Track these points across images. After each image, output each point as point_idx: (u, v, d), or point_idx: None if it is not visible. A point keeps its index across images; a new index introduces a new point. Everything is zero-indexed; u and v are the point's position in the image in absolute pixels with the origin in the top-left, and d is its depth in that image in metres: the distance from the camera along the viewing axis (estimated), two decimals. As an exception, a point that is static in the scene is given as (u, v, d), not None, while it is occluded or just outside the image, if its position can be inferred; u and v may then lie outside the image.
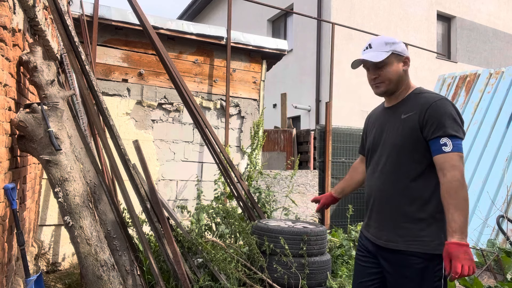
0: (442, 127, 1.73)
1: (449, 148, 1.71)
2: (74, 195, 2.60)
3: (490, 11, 13.09)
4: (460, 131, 1.75)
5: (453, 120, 1.74)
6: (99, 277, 2.57)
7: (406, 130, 1.83)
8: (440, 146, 1.73)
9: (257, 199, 4.40)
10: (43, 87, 2.69)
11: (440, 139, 1.73)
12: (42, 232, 4.37)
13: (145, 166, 3.19)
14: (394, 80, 1.91)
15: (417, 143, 1.80)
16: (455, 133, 1.72)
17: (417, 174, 1.82)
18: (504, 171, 4.95)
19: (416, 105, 1.84)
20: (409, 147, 1.82)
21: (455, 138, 1.72)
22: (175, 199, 5.18)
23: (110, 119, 3.23)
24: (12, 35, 2.33)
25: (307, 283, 3.38)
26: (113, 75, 4.88)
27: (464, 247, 1.63)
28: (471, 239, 4.65)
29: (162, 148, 5.14)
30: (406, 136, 1.83)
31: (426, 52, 10.85)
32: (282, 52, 5.90)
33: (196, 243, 3.32)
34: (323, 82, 10.28)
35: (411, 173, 1.82)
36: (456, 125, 1.74)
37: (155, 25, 4.90)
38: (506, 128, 5.27)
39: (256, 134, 5.03)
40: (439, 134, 1.73)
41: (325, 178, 6.50)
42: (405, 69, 1.92)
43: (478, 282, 3.20)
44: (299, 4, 11.09)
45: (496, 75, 5.87)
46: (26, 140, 2.53)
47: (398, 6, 11.16)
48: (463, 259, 1.61)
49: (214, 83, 5.50)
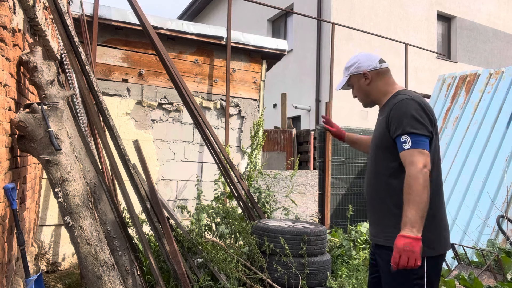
0: (401, 126, 1.83)
1: (408, 145, 1.80)
2: (74, 195, 2.59)
3: (490, 11, 13.09)
4: (421, 128, 1.81)
5: (412, 118, 1.82)
6: (99, 277, 2.57)
7: (380, 131, 1.97)
8: (401, 144, 1.83)
9: (257, 199, 4.40)
10: (43, 87, 2.69)
11: (400, 137, 1.83)
12: (42, 232, 4.37)
13: (145, 166, 3.19)
14: (364, 96, 2.11)
15: (389, 142, 1.91)
16: (414, 131, 1.80)
17: (392, 171, 1.91)
18: (504, 171, 4.94)
19: (388, 108, 1.98)
20: (384, 146, 1.95)
21: (414, 135, 1.80)
22: (175, 199, 5.18)
23: (110, 119, 3.23)
24: (12, 35, 2.33)
25: (307, 283, 3.38)
26: (113, 75, 4.88)
27: (408, 239, 1.71)
28: (471, 239, 4.65)
29: (162, 148, 5.14)
30: (381, 136, 1.97)
31: (426, 52, 10.85)
32: (282, 52, 5.90)
33: (196, 243, 3.32)
34: (323, 82, 10.28)
35: (388, 171, 1.93)
36: (416, 123, 1.82)
37: (155, 25, 4.90)
38: (506, 128, 5.27)
39: (256, 134, 5.03)
40: (399, 132, 1.84)
41: (325, 178, 6.49)
42: (369, 83, 2.07)
43: (478, 282, 3.20)
44: (299, 4, 11.09)
45: (496, 75, 5.87)
46: (26, 140, 2.52)
47: (398, 6, 11.15)
48: (403, 250, 1.71)
49: (214, 83, 5.50)
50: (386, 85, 2.06)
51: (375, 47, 10.70)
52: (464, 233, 4.81)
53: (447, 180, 5.50)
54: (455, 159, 5.60)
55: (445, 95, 6.46)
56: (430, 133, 1.84)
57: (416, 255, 1.71)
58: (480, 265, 3.77)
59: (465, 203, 5.11)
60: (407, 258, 1.70)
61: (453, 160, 5.62)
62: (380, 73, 2.07)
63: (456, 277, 3.49)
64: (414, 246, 1.70)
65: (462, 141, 5.68)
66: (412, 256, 1.70)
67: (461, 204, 5.15)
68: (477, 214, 4.85)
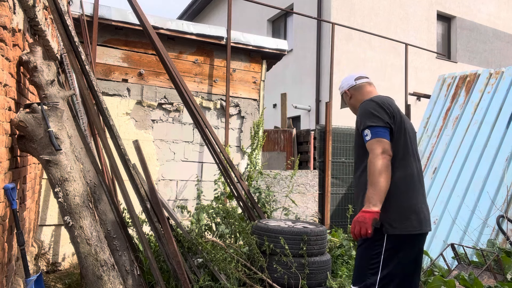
0: (363, 122, 2.17)
1: (369, 137, 2.11)
2: (74, 195, 2.59)
3: (490, 11, 13.09)
4: (378, 121, 2.11)
5: (370, 114, 2.15)
6: (99, 277, 2.57)
7: (356, 132, 2.31)
8: (364, 137, 2.14)
9: (257, 199, 4.40)
10: (43, 87, 2.69)
11: (363, 132, 2.14)
12: (42, 232, 4.37)
13: (145, 166, 3.19)
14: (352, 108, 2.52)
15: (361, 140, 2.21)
16: (371, 124, 2.11)
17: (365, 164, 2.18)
18: (504, 171, 4.94)
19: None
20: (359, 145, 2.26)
21: (373, 128, 2.11)
22: (175, 199, 5.18)
23: (110, 119, 3.23)
24: (12, 35, 2.33)
25: (307, 283, 3.38)
26: (113, 75, 4.88)
27: (363, 213, 2.02)
28: (471, 239, 4.65)
29: (162, 148, 5.14)
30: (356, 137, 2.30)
31: (426, 52, 10.85)
32: (282, 52, 5.90)
33: (196, 243, 3.32)
34: (323, 82, 10.28)
35: (363, 164, 2.22)
36: (372, 117, 2.13)
37: (155, 25, 4.90)
38: (506, 128, 5.26)
39: (256, 134, 5.03)
40: (361, 128, 2.17)
41: (325, 178, 6.50)
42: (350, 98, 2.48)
43: (478, 282, 3.20)
44: (299, 4, 11.09)
45: (496, 75, 5.87)
46: (26, 140, 2.53)
47: (398, 6, 11.15)
48: (357, 221, 2.03)
49: (214, 83, 5.50)
50: (364, 96, 2.42)
51: (375, 47, 10.71)
52: (464, 233, 4.81)
53: (447, 180, 5.50)
54: (455, 159, 5.59)
55: (445, 95, 6.46)
56: (387, 123, 2.12)
57: (367, 225, 1.98)
58: (480, 265, 3.77)
59: (465, 203, 5.10)
60: (359, 227, 2.00)
61: (453, 160, 5.61)
62: (358, 88, 2.46)
63: (456, 277, 3.49)
64: (365, 218, 1.99)
65: (462, 141, 5.68)
66: (363, 226, 1.99)
67: (461, 204, 5.15)
68: (477, 214, 4.85)
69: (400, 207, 2.12)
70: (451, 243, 3.92)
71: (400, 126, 2.18)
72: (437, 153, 5.95)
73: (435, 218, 5.23)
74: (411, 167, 2.18)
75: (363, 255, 2.18)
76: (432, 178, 5.75)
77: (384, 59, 10.88)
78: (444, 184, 5.52)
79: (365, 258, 2.16)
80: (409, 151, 2.20)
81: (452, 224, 5.05)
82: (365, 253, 2.16)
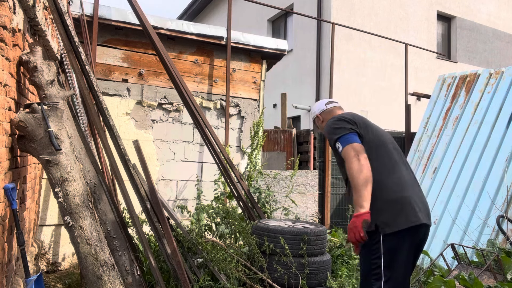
0: (331, 139, 2.29)
1: (341, 148, 2.19)
2: (74, 195, 2.59)
3: (490, 11, 13.09)
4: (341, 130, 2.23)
5: (333, 129, 2.28)
6: (99, 277, 2.57)
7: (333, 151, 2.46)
8: (338, 150, 2.23)
9: (257, 199, 4.40)
10: (43, 87, 2.69)
11: (336, 146, 2.24)
12: (42, 232, 4.37)
13: (145, 166, 3.19)
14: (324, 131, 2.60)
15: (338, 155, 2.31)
16: (338, 135, 2.22)
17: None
18: (504, 171, 4.94)
19: None
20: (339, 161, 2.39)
21: (340, 138, 2.21)
22: (175, 199, 5.18)
23: (110, 119, 3.23)
24: (12, 35, 2.33)
25: (307, 283, 3.38)
26: (113, 75, 4.88)
27: (353, 218, 2.05)
28: (471, 239, 4.65)
29: (162, 148, 5.14)
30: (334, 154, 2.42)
31: (426, 52, 10.85)
32: (282, 52, 5.90)
33: (196, 243, 3.32)
34: (323, 82, 10.28)
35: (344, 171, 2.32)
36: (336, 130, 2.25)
37: (155, 25, 4.90)
38: (506, 128, 5.26)
39: (256, 134, 5.03)
40: (333, 144, 2.28)
41: (325, 178, 6.49)
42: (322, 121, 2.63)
43: (478, 282, 3.20)
44: (299, 4, 11.09)
45: (496, 75, 5.87)
46: (26, 140, 2.52)
47: (398, 6, 11.15)
48: (349, 228, 2.07)
49: (214, 83, 5.50)
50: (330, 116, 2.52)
51: (375, 47, 10.71)
52: (464, 233, 4.81)
53: (447, 180, 5.50)
54: (455, 159, 5.59)
55: (445, 95, 6.46)
56: (350, 129, 2.23)
57: (358, 229, 2.01)
58: (480, 265, 3.77)
59: (465, 203, 5.10)
60: (352, 233, 2.04)
61: (453, 160, 5.61)
62: (329, 112, 2.60)
63: (456, 277, 3.49)
64: (355, 222, 2.02)
65: (462, 141, 5.68)
66: (355, 231, 2.02)
67: (461, 204, 5.15)
68: (477, 214, 4.85)
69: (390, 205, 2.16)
70: (451, 243, 3.92)
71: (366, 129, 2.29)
72: (437, 153, 5.95)
73: (435, 218, 5.22)
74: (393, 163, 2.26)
75: (365, 261, 2.23)
76: (432, 178, 5.75)
77: (384, 59, 10.88)
78: (444, 184, 5.52)
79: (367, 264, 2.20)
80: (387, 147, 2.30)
81: (452, 224, 5.05)
82: (367, 260, 2.20)
